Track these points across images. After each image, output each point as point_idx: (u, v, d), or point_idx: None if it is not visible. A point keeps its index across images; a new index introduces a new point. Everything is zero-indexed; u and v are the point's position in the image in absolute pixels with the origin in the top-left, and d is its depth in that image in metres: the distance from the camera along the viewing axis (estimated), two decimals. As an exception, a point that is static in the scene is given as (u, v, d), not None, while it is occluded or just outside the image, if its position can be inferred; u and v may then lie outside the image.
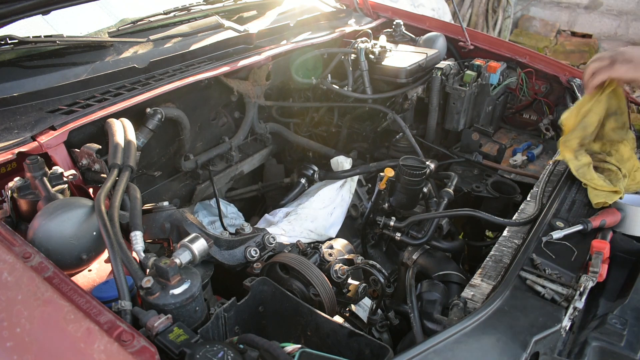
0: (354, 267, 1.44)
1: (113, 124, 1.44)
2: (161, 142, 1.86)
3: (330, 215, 2.06)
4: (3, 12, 1.52)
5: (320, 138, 2.60)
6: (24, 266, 0.95)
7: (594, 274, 1.18)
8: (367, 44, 2.24)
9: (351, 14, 2.76)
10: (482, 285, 1.26)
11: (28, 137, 1.35)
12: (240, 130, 2.18)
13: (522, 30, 6.96)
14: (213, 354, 0.86)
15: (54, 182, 1.26)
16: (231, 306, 1.08)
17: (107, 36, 1.91)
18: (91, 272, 1.25)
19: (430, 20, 2.71)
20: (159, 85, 1.67)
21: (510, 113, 2.61)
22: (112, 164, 1.31)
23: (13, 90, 1.54)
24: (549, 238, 1.33)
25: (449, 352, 0.99)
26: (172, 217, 1.37)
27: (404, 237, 1.78)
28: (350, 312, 1.50)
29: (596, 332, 1.10)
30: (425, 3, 5.56)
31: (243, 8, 2.41)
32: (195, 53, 1.97)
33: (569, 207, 1.49)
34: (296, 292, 1.28)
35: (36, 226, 1.12)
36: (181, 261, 1.05)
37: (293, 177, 2.34)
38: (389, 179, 1.86)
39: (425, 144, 2.32)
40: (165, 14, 2.13)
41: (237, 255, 1.38)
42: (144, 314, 0.95)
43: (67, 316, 0.87)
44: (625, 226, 1.39)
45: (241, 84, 2.08)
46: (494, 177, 2.11)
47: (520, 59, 2.41)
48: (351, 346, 1.07)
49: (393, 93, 2.27)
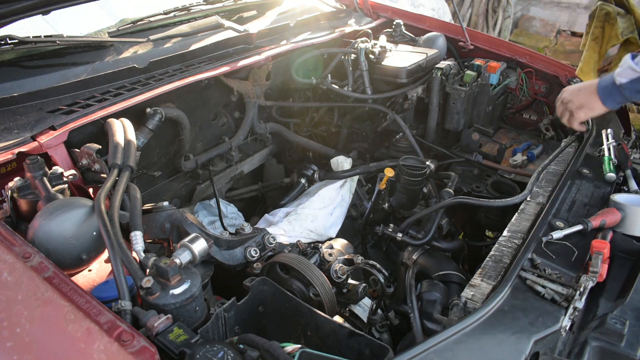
0: (354, 267, 1.44)
1: (113, 124, 1.44)
2: (161, 142, 1.86)
3: (330, 215, 2.06)
4: (3, 12, 1.52)
5: (320, 138, 2.60)
6: (24, 266, 0.95)
7: (594, 274, 1.18)
8: (367, 44, 2.24)
9: (351, 14, 2.76)
10: (482, 285, 1.26)
11: (28, 137, 1.35)
12: (240, 130, 2.18)
13: (522, 30, 6.97)
14: (213, 354, 0.86)
15: (54, 182, 1.26)
16: (231, 306, 1.08)
17: (107, 36, 1.91)
18: (91, 272, 1.25)
19: (430, 20, 2.71)
20: (159, 85, 1.67)
21: (510, 113, 2.61)
22: (112, 164, 1.31)
23: (13, 90, 1.54)
24: (549, 238, 1.33)
25: (449, 352, 0.99)
26: (172, 217, 1.37)
27: (404, 237, 1.78)
28: (350, 312, 1.50)
29: (596, 332, 1.10)
30: (425, 3, 5.56)
31: (243, 8, 2.41)
32: (195, 53, 1.97)
33: (569, 207, 1.49)
34: (296, 292, 1.28)
35: (36, 226, 1.12)
36: (181, 261, 1.05)
37: (293, 177, 2.34)
38: (389, 179, 1.86)
39: (425, 144, 2.32)
40: (165, 14, 2.14)
41: (237, 255, 1.38)
42: (144, 314, 0.95)
43: (67, 316, 0.87)
44: (625, 226, 1.39)
45: (241, 84, 2.08)
46: (494, 177, 2.11)
47: (520, 59, 2.41)
48: (351, 346, 1.07)
49: (393, 93, 2.27)
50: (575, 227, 1.36)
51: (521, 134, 2.51)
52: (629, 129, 2.09)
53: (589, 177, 1.64)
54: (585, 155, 1.76)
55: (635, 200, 1.43)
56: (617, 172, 1.65)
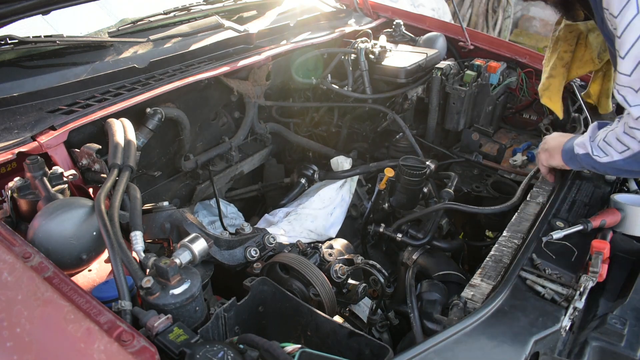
0: (354, 267, 1.44)
1: (113, 124, 1.44)
2: (161, 142, 1.86)
3: (330, 215, 2.06)
4: (3, 12, 1.52)
5: (320, 138, 2.60)
6: (24, 266, 0.95)
7: (594, 274, 1.18)
8: (367, 44, 2.24)
9: (351, 14, 2.76)
10: (482, 285, 1.26)
11: (28, 137, 1.35)
12: (240, 130, 2.18)
13: (522, 30, 6.97)
14: (213, 354, 0.86)
15: (54, 182, 1.26)
16: (231, 306, 1.08)
17: (107, 36, 1.91)
18: (91, 272, 1.25)
19: (430, 20, 2.71)
20: (159, 85, 1.67)
21: (510, 113, 2.60)
22: (112, 164, 1.31)
23: (13, 90, 1.54)
24: (549, 238, 1.33)
25: (449, 352, 0.99)
26: (172, 217, 1.37)
27: (404, 237, 1.79)
28: (350, 312, 1.50)
29: (596, 332, 1.10)
30: (425, 3, 5.56)
31: (243, 8, 2.41)
32: (195, 53, 1.97)
33: (569, 207, 1.49)
34: (296, 292, 1.28)
35: (36, 226, 1.12)
36: (181, 261, 1.05)
37: (293, 177, 2.34)
38: (389, 179, 1.86)
39: (425, 144, 2.32)
40: (165, 14, 2.13)
41: (237, 255, 1.38)
42: (144, 314, 0.95)
43: (67, 316, 0.87)
44: (625, 226, 1.39)
45: (241, 84, 2.08)
46: (494, 177, 2.11)
47: (520, 59, 2.41)
48: (351, 346, 1.07)
49: (393, 93, 2.27)
50: (575, 227, 1.36)
51: (521, 134, 2.51)
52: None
53: (589, 177, 1.64)
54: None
55: (635, 200, 1.43)
56: (617, 172, 1.65)
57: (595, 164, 1.34)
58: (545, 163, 1.61)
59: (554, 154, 1.55)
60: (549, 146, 1.58)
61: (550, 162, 1.58)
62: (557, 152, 1.53)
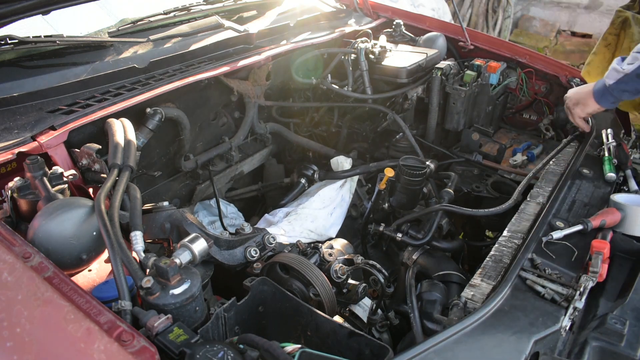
0: (354, 267, 1.44)
1: (113, 124, 1.44)
2: (161, 142, 1.86)
3: (330, 215, 2.06)
4: (3, 12, 1.52)
5: (320, 138, 2.60)
6: (24, 266, 0.95)
7: (594, 274, 1.18)
8: (367, 44, 2.24)
9: (351, 14, 2.76)
10: (482, 285, 1.26)
11: (28, 137, 1.35)
12: (240, 130, 2.18)
13: (522, 30, 6.97)
14: (213, 354, 0.86)
15: (54, 182, 1.26)
16: (231, 306, 1.08)
17: (107, 36, 1.91)
18: (91, 272, 1.25)
19: (430, 20, 2.71)
20: (159, 85, 1.67)
21: (510, 113, 2.61)
22: (112, 164, 1.31)
23: (13, 90, 1.54)
24: (549, 238, 1.33)
25: (449, 352, 0.99)
26: (172, 217, 1.37)
27: (404, 237, 1.79)
28: (350, 312, 1.49)
29: (596, 332, 1.10)
30: (425, 3, 5.56)
31: (243, 8, 2.41)
32: (195, 53, 1.97)
33: (569, 207, 1.49)
34: (296, 292, 1.28)
35: (36, 226, 1.12)
36: (181, 261, 1.05)
37: (293, 177, 2.34)
38: (389, 179, 1.86)
39: (425, 144, 2.32)
40: (165, 14, 2.13)
41: (237, 255, 1.38)
42: (144, 314, 0.95)
43: (67, 316, 0.87)
44: (625, 226, 1.39)
45: (241, 84, 2.08)
46: (494, 177, 2.11)
47: (520, 59, 2.41)
48: (351, 346, 1.07)
49: (393, 93, 2.27)
50: (575, 227, 1.36)
51: (521, 134, 2.51)
52: (629, 129, 2.09)
53: (589, 177, 1.64)
54: (585, 155, 1.76)
55: (635, 200, 1.43)
56: (617, 172, 1.65)
57: (627, 79, 1.46)
58: (583, 114, 1.70)
59: (587, 101, 1.63)
60: (578, 97, 1.67)
61: (587, 110, 1.66)
62: (589, 97, 1.62)
